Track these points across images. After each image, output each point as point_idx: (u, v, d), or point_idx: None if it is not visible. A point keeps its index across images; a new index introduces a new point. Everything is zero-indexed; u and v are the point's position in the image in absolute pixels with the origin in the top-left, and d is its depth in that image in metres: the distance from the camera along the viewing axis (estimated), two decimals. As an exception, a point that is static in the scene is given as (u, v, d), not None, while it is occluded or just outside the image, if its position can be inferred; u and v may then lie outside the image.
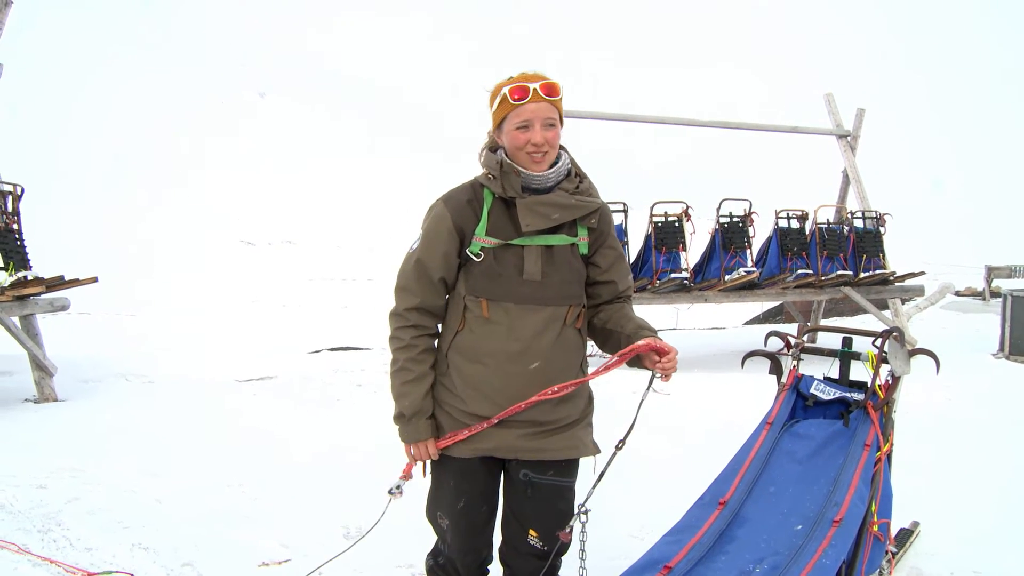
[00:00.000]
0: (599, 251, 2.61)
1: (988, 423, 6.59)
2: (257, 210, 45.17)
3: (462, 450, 2.54)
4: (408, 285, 2.54)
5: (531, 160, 2.46)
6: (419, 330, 2.55)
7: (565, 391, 2.47)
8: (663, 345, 2.41)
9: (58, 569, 3.56)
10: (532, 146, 2.44)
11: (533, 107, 2.42)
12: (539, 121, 2.43)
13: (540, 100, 2.42)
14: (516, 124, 2.44)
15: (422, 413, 2.53)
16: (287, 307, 20.31)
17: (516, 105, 2.43)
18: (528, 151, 2.45)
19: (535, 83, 2.43)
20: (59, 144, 48.84)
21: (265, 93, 78.81)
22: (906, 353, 3.37)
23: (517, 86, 2.43)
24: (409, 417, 2.54)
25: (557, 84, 2.47)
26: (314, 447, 5.62)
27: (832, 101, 11.90)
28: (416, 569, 3.35)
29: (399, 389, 2.55)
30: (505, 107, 2.45)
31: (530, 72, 2.49)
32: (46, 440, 5.75)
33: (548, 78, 2.47)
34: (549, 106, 2.44)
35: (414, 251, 2.54)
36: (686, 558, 2.80)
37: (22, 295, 7.05)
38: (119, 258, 25.62)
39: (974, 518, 4.28)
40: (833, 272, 10.10)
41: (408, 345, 2.54)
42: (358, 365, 9.12)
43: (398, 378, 2.55)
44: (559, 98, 2.47)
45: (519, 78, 2.46)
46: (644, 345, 2.41)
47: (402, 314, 2.55)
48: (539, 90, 2.42)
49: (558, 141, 2.50)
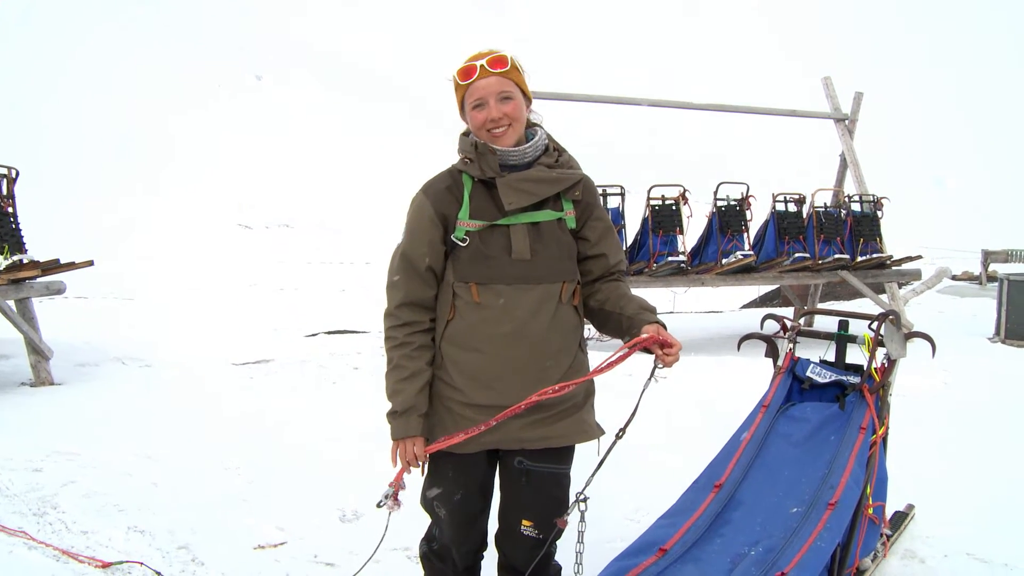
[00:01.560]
0: (587, 224, 2.56)
1: (984, 407, 6.60)
2: (254, 194, 45.05)
3: (465, 445, 2.47)
4: (396, 281, 2.51)
5: (492, 136, 2.43)
6: (412, 327, 2.50)
7: (566, 390, 2.40)
8: (668, 338, 2.37)
9: (54, 552, 3.56)
10: (490, 122, 2.42)
11: (483, 83, 2.41)
12: (492, 96, 2.41)
13: (489, 75, 2.40)
14: (471, 104, 2.44)
15: (414, 410, 2.46)
16: (284, 291, 20.27)
17: (466, 85, 2.42)
18: (488, 128, 2.43)
19: (481, 59, 2.41)
20: (50, 126, 48.56)
21: (262, 76, 78.43)
22: (902, 336, 3.37)
23: (464, 67, 2.44)
24: (401, 413, 2.46)
25: (506, 55, 2.44)
26: (310, 430, 5.62)
27: (830, 85, 11.87)
28: (411, 552, 3.35)
29: (393, 387, 2.48)
30: (459, 90, 2.46)
31: (477, 52, 2.47)
32: (42, 424, 5.75)
33: (497, 51, 2.44)
34: (500, 79, 2.42)
35: (400, 246, 2.52)
36: (681, 541, 2.80)
37: (18, 279, 7.04)
38: (115, 242, 25.55)
39: (969, 501, 4.29)
40: (830, 256, 10.10)
41: (402, 343, 2.49)
42: (355, 348, 9.12)
43: (392, 376, 2.49)
44: (508, 68, 2.43)
45: (466, 60, 2.46)
46: (649, 339, 2.36)
47: (393, 312, 2.51)
48: (486, 65, 2.40)
49: (519, 112, 2.46)
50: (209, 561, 3.54)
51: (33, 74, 56.14)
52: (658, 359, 2.39)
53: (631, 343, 2.38)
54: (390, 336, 2.52)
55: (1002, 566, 3.56)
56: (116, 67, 63.64)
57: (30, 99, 50.61)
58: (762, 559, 2.67)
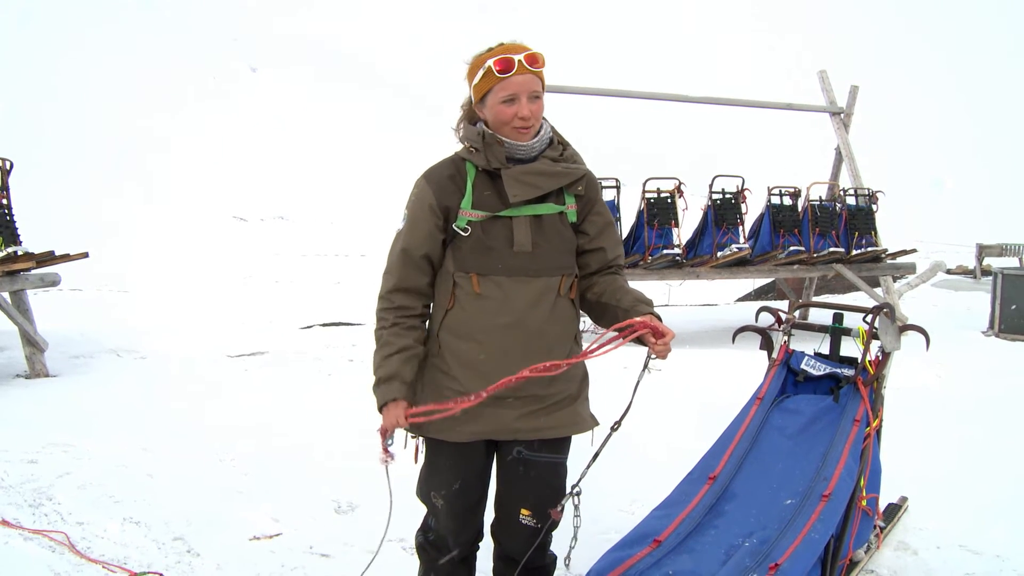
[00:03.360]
0: (587, 218, 2.56)
1: (977, 400, 6.62)
2: (249, 186, 44.98)
3: (459, 434, 2.48)
4: (391, 267, 2.52)
5: (517, 133, 2.42)
6: (402, 311, 2.50)
7: (558, 370, 2.37)
8: (660, 326, 2.36)
9: (50, 543, 3.56)
10: (519, 120, 2.39)
11: (520, 79, 2.37)
12: (525, 94, 2.38)
13: (525, 72, 2.37)
14: (502, 98, 2.39)
15: (397, 376, 2.44)
16: (279, 283, 20.26)
17: (501, 78, 2.37)
18: (515, 125, 2.40)
19: (519, 54, 2.37)
20: (44, 118, 48.39)
21: (257, 68, 78.21)
22: (896, 329, 3.38)
23: (502, 58, 2.37)
24: (384, 379, 2.45)
25: (540, 55, 2.42)
26: (305, 422, 5.63)
27: (826, 78, 11.86)
28: (407, 543, 3.36)
29: (379, 362, 2.48)
30: (490, 80, 2.39)
31: (510, 43, 2.43)
32: (37, 415, 5.74)
33: (529, 48, 2.41)
34: (533, 78, 2.39)
35: (399, 232, 2.52)
36: (675, 532, 2.81)
37: (12, 270, 7.02)
38: (110, 234, 25.51)
39: (961, 494, 4.31)
40: (825, 249, 10.11)
41: (392, 323, 2.50)
42: (350, 340, 9.12)
43: (379, 353, 2.50)
44: (542, 69, 2.42)
45: (501, 50, 2.40)
46: (641, 323, 2.35)
47: (385, 296, 2.52)
48: (523, 61, 2.36)
49: (542, 113, 2.46)
50: (205, 552, 3.55)
51: (29, 69, 55.92)
52: (651, 350, 2.38)
53: (621, 325, 2.38)
54: (380, 318, 2.53)
55: (994, 557, 3.59)
56: (111, 61, 63.40)
57: (26, 93, 50.41)
58: (756, 550, 2.68)
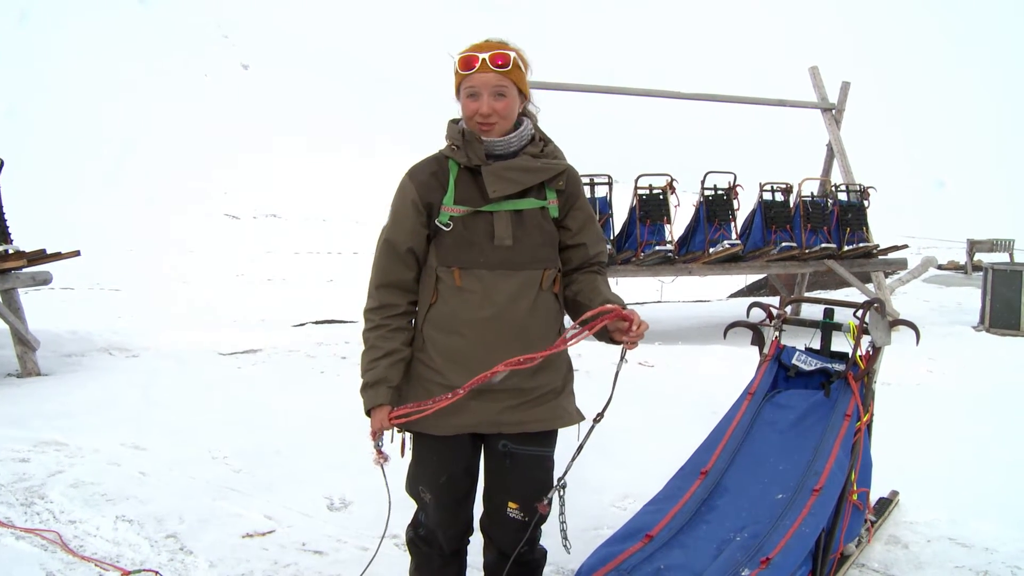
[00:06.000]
0: (569, 213, 2.58)
1: (967, 395, 6.65)
2: (241, 183, 44.88)
3: (444, 427, 2.50)
4: (376, 261, 2.55)
5: (479, 129, 2.46)
6: (389, 309, 2.53)
7: (532, 362, 2.38)
8: (626, 312, 2.36)
9: (43, 542, 3.56)
10: (479, 116, 2.44)
11: (482, 77, 2.41)
12: (487, 91, 2.42)
13: (488, 70, 2.41)
14: (466, 92, 2.45)
15: (384, 381, 2.48)
16: (272, 281, 20.26)
17: (464, 75, 2.43)
18: (477, 120, 2.45)
19: (485, 53, 2.41)
20: (34, 115, 48.20)
21: (249, 65, 78.02)
22: (887, 324, 3.39)
23: (466, 56, 2.43)
24: (371, 384, 2.49)
25: (510, 55, 2.43)
26: (298, 419, 5.63)
27: (817, 74, 11.89)
28: (398, 539, 3.36)
29: (366, 366, 2.52)
30: (457, 76, 2.47)
31: (484, 41, 2.47)
32: (29, 414, 5.72)
33: (505, 46, 2.44)
34: (498, 76, 2.41)
35: (384, 227, 2.55)
36: (667, 527, 2.82)
37: (3, 269, 6.99)
38: (102, 232, 25.43)
39: (952, 488, 4.33)
40: (817, 245, 10.15)
41: (378, 325, 2.53)
42: (342, 338, 9.11)
43: (366, 356, 2.53)
44: (509, 68, 2.43)
45: (471, 48, 2.45)
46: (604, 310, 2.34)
47: (372, 294, 2.55)
48: (487, 61, 2.40)
49: (510, 111, 2.47)
50: (197, 550, 3.55)
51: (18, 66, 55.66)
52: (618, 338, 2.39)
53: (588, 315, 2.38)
54: (367, 319, 2.56)
55: (983, 550, 3.61)
56: (101, 57, 63.15)
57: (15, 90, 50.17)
58: (747, 544, 2.69)
